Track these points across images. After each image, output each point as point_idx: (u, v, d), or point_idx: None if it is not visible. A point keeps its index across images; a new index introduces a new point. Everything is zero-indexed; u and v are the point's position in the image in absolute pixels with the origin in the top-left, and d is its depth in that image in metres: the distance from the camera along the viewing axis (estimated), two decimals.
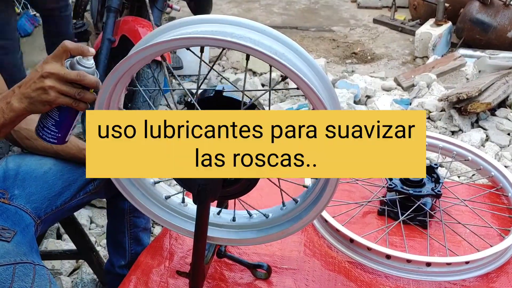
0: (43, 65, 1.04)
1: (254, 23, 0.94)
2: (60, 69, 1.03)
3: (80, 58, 1.05)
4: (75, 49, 1.04)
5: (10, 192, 1.27)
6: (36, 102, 1.04)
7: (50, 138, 1.10)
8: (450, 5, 4.30)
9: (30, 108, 1.06)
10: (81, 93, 1.05)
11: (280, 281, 1.38)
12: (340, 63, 4.31)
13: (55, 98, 1.03)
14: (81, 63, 1.05)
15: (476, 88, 2.99)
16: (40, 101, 1.04)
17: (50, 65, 1.03)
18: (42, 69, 1.03)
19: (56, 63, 1.03)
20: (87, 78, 1.04)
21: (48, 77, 1.02)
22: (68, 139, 1.13)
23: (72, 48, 1.04)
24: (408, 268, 1.36)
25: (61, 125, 1.09)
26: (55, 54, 1.04)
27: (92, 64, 1.07)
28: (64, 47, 1.03)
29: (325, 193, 1.08)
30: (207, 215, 1.14)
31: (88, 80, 1.04)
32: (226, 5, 5.58)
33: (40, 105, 1.05)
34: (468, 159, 1.74)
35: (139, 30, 2.71)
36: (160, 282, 1.39)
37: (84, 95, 1.05)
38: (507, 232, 1.50)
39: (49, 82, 1.02)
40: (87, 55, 1.05)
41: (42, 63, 1.05)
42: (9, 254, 1.13)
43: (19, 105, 1.05)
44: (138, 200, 1.23)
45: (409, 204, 1.56)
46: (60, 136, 1.10)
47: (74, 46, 1.04)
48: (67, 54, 1.04)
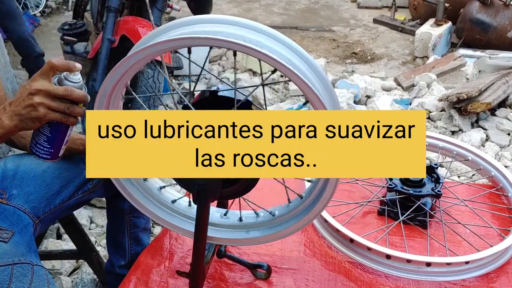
0: (31, 83, 1.06)
1: (254, 23, 0.93)
2: (48, 86, 1.05)
3: (67, 74, 1.08)
4: (62, 65, 1.07)
5: (8, 192, 1.27)
6: (26, 119, 1.07)
7: (43, 154, 1.12)
8: (450, 5, 4.30)
9: (21, 125, 1.08)
10: (70, 108, 1.07)
11: (280, 281, 1.38)
12: (340, 63, 4.31)
13: (44, 114, 1.06)
14: (69, 78, 1.07)
15: (476, 88, 2.99)
16: (30, 118, 1.06)
17: (38, 83, 1.05)
18: (30, 87, 1.05)
19: (43, 80, 1.06)
20: (75, 92, 1.07)
21: (36, 94, 1.05)
22: (61, 154, 1.15)
23: (58, 65, 1.06)
24: (408, 268, 1.36)
25: (53, 141, 1.11)
26: (42, 72, 1.06)
27: (79, 79, 1.09)
28: (50, 64, 1.06)
29: (325, 193, 1.08)
30: (207, 215, 1.13)
31: (76, 95, 1.07)
32: (226, 5, 5.58)
33: (30, 122, 1.07)
34: (468, 159, 1.74)
35: (139, 30, 2.71)
36: (160, 282, 1.39)
37: (73, 110, 1.08)
38: (507, 232, 1.49)
39: (38, 99, 1.05)
40: (73, 71, 1.08)
41: (30, 81, 1.07)
42: (6, 255, 1.13)
43: (9, 123, 1.08)
44: (138, 200, 1.23)
45: (409, 204, 1.56)
46: (52, 152, 1.13)
47: (60, 63, 1.07)
48: (54, 71, 1.07)
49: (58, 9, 5.63)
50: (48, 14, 5.44)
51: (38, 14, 5.27)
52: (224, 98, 1.07)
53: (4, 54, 3.02)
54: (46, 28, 5.13)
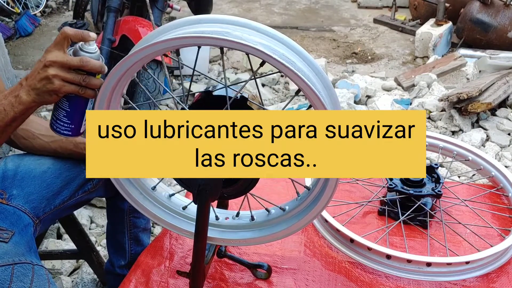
0: (45, 54, 1.03)
1: (254, 23, 0.93)
2: (62, 57, 1.02)
3: (83, 44, 1.04)
4: (75, 35, 1.03)
5: (8, 192, 1.27)
6: (43, 93, 1.04)
7: (64, 130, 1.09)
8: (450, 5, 4.30)
9: (38, 99, 1.05)
10: (87, 79, 1.03)
11: (280, 281, 1.38)
12: (340, 63, 4.31)
13: (60, 87, 1.02)
14: (84, 49, 1.04)
15: (476, 88, 2.99)
16: (46, 91, 1.03)
17: (52, 54, 1.02)
18: (44, 59, 1.02)
19: (58, 51, 1.02)
20: (90, 63, 1.03)
21: (51, 66, 1.01)
22: (83, 130, 1.10)
23: (72, 34, 1.02)
24: (409, 268, 1.35)
25: (73, 115, 1.08)
26: (56, 42, 1.03)
27: (95, 49, 1.05)
28: (64, 34, 1.02)
29: (325, 192, 1.08)
30: (208, 215, 1.13)
31: (92, 65, 1.03)
32: (227, 5, 5.58)
33: (47, 95, 1.04)
34: (468, 159, 1.74)
35: (140, 30, 2.72)
36: (160, 282, 1.38)
37: (90, 81, 1.04)
38: (507, 232, 1.49)
39: (52, 71, 1.01)
40: (88, 40, 1.04)
41: (44, 53, 1.04)
42: (7, 255, 1.13)
43: (27, 98, 1.05)
44: (138, 201, 1.23)
45: (410, 204, 1.56)
46: (73, 128, 1.09)
47: (74, 32, 1.03)
48: (68, 41, 1.03)
49: (59, 9, 5.63)
50: (48, 14, 5.44)
51: (38, 14, 5.27)
52: (219, 97, 1.06)
53: (4, 54, 3.02)
54: (47, 28, 5.13)
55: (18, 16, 4.97)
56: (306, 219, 1.15)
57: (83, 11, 3.64)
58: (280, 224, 1.20)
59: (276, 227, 1.21)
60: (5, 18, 5.08)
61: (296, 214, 1.18)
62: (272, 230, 1.21)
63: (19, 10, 5.08)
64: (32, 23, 4.98)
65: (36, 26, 5.05)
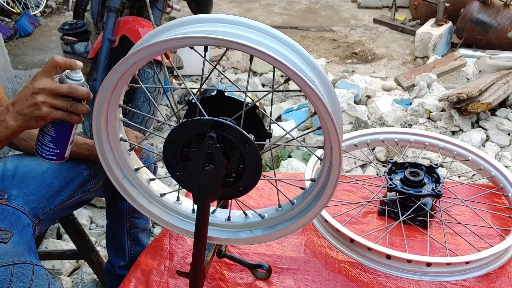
0: (33, 81, 1.05)
1: (255, 23, 0.93)
2: (51, 84, 1.05)
3: (69, 72, 1.07)
4: (64, 63, 1.06)
5: (7, 192, 1.27)
6: (30, 119, 1.06)
7: (49, 155, 1.12)
8: (450, 5, 4.30)
9: (25, 125, 1.08)
10: (74, 105, 1.07)
11: (280, 281, 1.38)
12: (340, 63, 4.31)
13: (48, 113, 1.05)
14: (70, 76, 1.07)
15: (476, 88, 2.99)
16: (33, 117, 1.06)
17: (41, 81, 1.05)
18: (33, 86, 1.05)
19: (46, 79, 1.05)
20: (78, 90, 1.06)
21: (39, 92, 1.04)
22: (67, 155, 1.14)
23: (61, 62, 1.06)
24: (409, 268, 1.35)
25: (58, 141, 1.11)
26: (45, 70, 1.06)
27: (81, 76, 1.08)
28: (53, 62, 1.05)
29: (325, 192, 1.08)
30: (207, 215, 1.13)
31: (80, 92, 1.06)
32: (227, 5, 5.58)
33: (34, 121, 1.07)
34: (468, 159, 1.74)
35: (139, 30, 2.72)
36: (160, 282, 1.38)
37: (76, 107, 1.07)
38: (507, 232, 1.49)
39: (41, 97, 1.04)
40: (75, 69, 1.07)
41: (32, 79, 1.06)
42: (6, 255, 1.13)
43: (14, 123, 1.07)
44: (137, 199, 1.23)
45: (410, 204, 1.56)
46: (58, 152, 1.12)
47: (63, 60, 1.06)
48: (57, 69, 1.06)
49: (58, 9, 5.63)
50: (48, 14, 5.44)
51: (38, 14, 5.27)
52: (231, 99, 1.07)
53: (4, 54, 3.02)
54: (46, 28, 5.13)
55: (18, 16, 4.97)
56: (306, 219, 1.15)
57: (83, 11, 3.64)
58: (280, 224, 1.20)
59: (276, 227, 1.20)
60: (5, 18, 5.08)
61: (294, 214, 1.18)
62: (272, 230, 1.21)
63: (19, 10, 5.08)
64: (32, 23, 4.98)
65: (36, 26, 5.05)
